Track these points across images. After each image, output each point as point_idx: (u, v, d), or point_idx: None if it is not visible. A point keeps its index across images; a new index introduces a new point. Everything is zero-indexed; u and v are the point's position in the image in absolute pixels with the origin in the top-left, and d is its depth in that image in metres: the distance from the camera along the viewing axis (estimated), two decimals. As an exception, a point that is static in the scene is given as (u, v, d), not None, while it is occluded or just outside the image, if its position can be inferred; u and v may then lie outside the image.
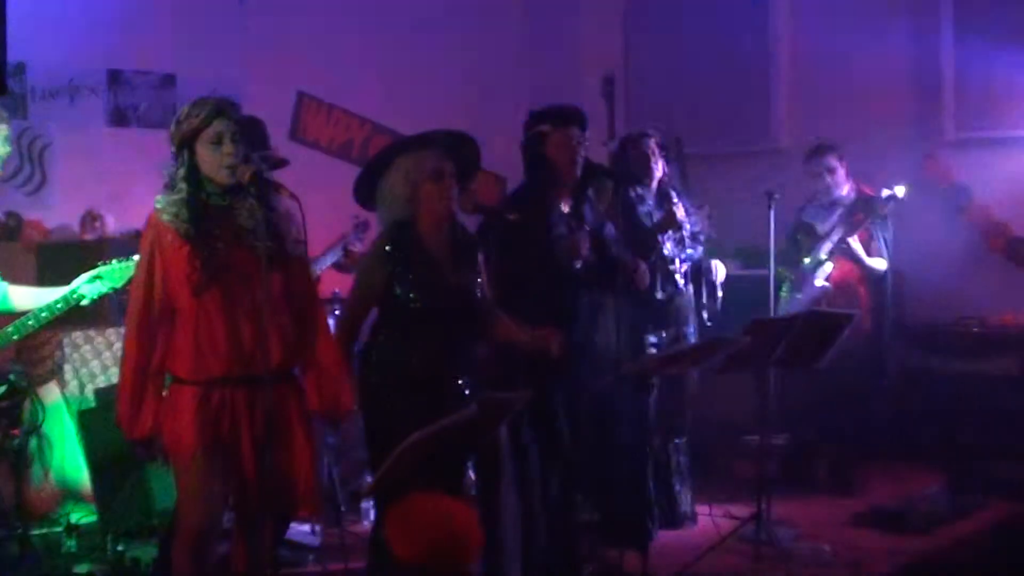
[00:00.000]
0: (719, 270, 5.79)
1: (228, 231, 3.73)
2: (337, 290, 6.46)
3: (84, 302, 4.54)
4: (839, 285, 6.36)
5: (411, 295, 4.17)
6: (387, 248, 4.22)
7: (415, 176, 4.23)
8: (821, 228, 6.41)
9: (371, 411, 4.21)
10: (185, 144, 3.71)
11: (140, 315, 3.71)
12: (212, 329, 3.68)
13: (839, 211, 6.40)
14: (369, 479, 5.02)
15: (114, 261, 4.86)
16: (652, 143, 5.71)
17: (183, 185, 3.70)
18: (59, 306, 4.54)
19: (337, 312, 6.48)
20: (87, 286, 4.52)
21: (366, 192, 4.40)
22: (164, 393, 3.75)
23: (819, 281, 6.33)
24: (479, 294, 4.32)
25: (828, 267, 6.33)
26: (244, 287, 3.71)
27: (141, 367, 3.69)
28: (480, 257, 4.38)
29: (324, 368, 3.88)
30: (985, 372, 6.72)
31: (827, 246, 6.33)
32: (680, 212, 5.54)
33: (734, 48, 8.06)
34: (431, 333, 4.19)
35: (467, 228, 4.48)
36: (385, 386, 4.17)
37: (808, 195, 6.53)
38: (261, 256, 3.64)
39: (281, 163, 5.10)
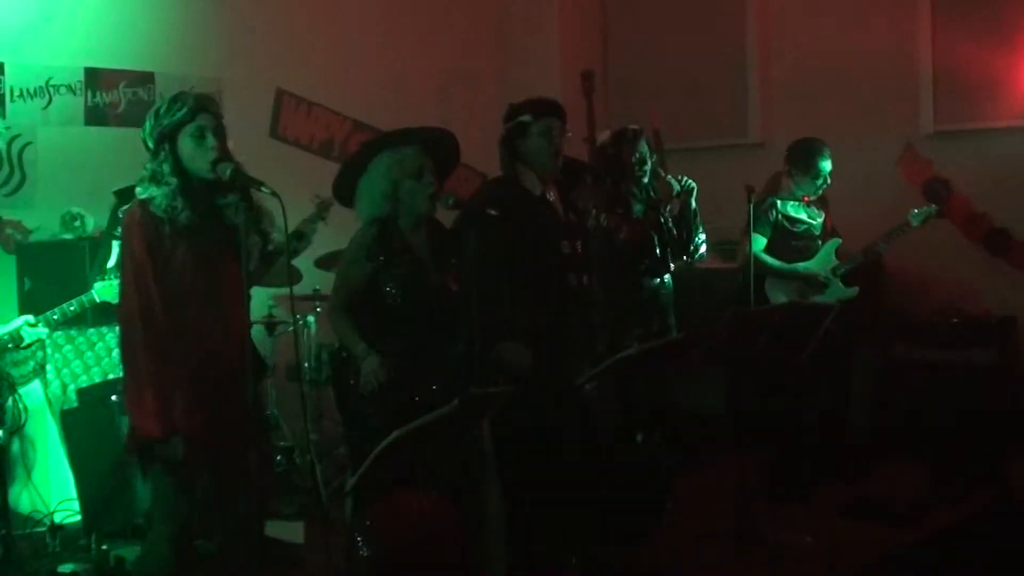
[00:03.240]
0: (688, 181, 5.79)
1: (217, 227, 3.75)
2: (318, 287, 6.46)
3: (22, 345, 4.53)
4: None
5: (393, 292, 4.19)
6: (368, 245, 4.24)
7: (396, 173, 4.25)
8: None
9: (350, 410, 4.22)
10: (166, 138, 3.71)
11: (151, 313, 3.67)
12: (195, 322, 3.69)
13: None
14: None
15: (99, 280, 4.86)
16: (647, 145, 5.73)
17: (172, 179, 3.70)
18: None
19: (319, 309, 6.51)
20: (28, 329, 4.49)
21: (346, 189, 4.40)
22: None
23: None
24: (457, 290, 4.35)
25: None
26: (225, 282, 3.73)
27: (160, 365, 3.67)
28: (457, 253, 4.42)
29: None
30: (964, 362, 6.76)
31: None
32: (674, 184, 5.60)
33: (711, 42, 8.09)
34: (410, 329, 4.21)
35: (443, 224, 4.49)
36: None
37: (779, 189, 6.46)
38: (247, 252, 3.65)
39: None
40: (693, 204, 5.68)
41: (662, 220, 5.61)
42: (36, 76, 6.42)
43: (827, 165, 6.27)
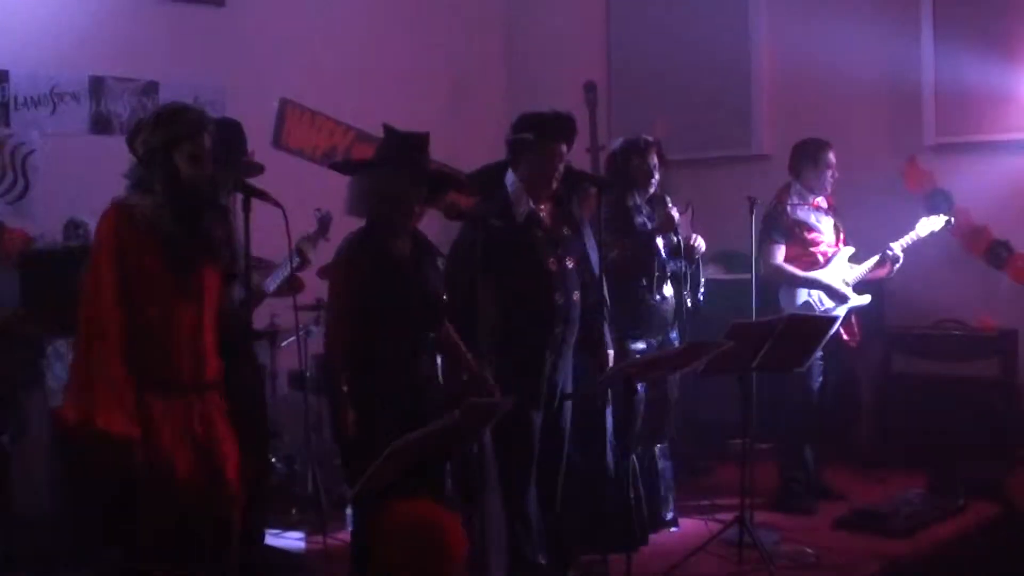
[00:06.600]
0: (700, 242, 5.72)
1: (196, 237, 3.74)
2: (321, 296, 6.45)
3: None
4: None
5: (378, 299, 4.20)
6: (351, 255, 4.26)
7: (381, 193, 4.26)
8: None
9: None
10: (160, 149, 3.69)
11: (114, 317, 3.65)
12: (174, 335, 3.69)
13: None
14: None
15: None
16: (656, 154, 5.69)
17: (160, 188, 3.68)
18: None
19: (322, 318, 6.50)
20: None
21: (347, 171, 4.47)
22: None
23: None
24: (443, 297, 4.38)
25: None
26: (203, 295, 3.74)
27: (124, 366, 3.66)
28: (440, 262, 4.45)
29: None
30: (965, 375, 6.76)
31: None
32: (676, 215, 5.56)
33: (716, 54, 8.10)
34: (399, 337, 4.22)
35: (424, 234, 4.51)
36: (358, 394, 4.18)
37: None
38: (221, 268, 3.67)
39: (258, 169, 5.10)
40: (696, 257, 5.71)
41: (657, 248, 5.54)
42: (41, 84, 6.44)
43: (832, 157, 6.25)
